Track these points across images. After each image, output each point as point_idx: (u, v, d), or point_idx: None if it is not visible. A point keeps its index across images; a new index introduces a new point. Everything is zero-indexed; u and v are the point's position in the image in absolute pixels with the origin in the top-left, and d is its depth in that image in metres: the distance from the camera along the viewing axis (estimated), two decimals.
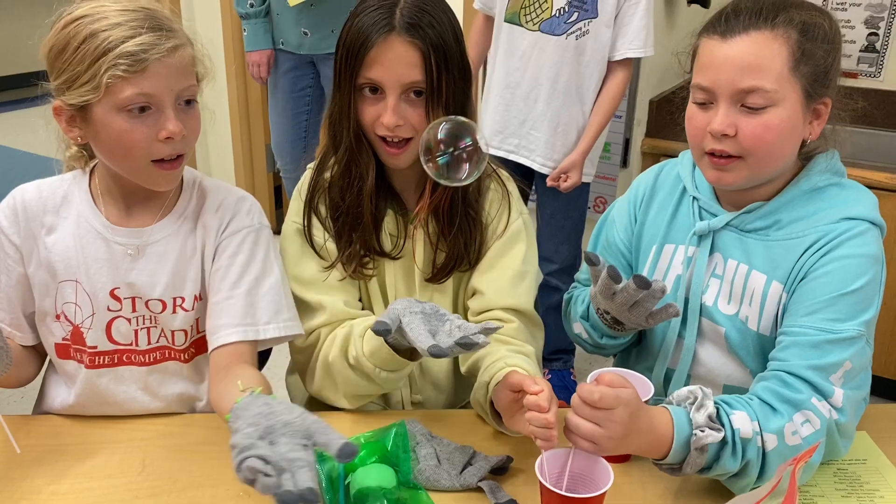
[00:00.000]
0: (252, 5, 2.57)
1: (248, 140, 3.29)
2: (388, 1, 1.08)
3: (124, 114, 0.98)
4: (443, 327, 0.96)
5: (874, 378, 1.07)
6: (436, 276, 1.20)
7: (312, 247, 1.18)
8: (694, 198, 1.14)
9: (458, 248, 1.18)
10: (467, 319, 1.22)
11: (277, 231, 1.25)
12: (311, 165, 1.23)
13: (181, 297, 1.11)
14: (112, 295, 1.08)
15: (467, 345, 0.91)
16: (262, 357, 1.44)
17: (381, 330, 0.96)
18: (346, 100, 1.11)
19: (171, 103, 1.00)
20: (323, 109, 2.67)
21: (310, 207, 1.20)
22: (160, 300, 1.10)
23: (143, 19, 0.99)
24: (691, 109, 1.05)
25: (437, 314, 0.98)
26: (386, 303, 1.21)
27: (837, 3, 2.56)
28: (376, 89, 1.09)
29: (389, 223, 1.19)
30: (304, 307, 1.17)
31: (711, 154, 1.03)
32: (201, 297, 1.12)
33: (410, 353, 1.06)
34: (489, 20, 2.13)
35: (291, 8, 2.45)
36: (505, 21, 2.06)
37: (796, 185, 1.06)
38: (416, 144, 1.10)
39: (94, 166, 1.12)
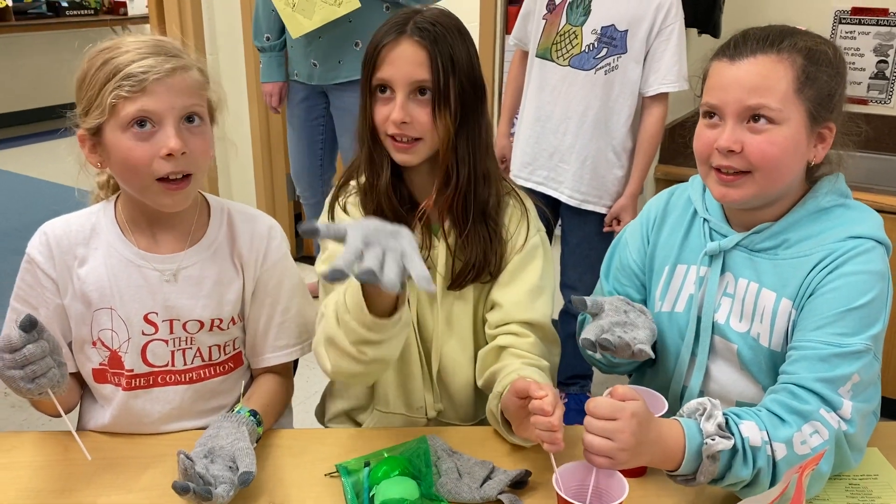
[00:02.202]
0: (268, 38, 2.66)
1: (270, 169, 3.37)
2: (406, 15, 1.17)
3: (129, 132, 1.03)
4: (387, 248, 0.90)
5: (884, 400, 1.09)
6: (455, 282, 1.23)
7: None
8: (705, 219, 1.18)
9: (477, 256, 1.21)
10: (485, 332, 1.25)
11: (298, 258, 1.31)
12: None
13: (219, 319, 1.16)
14: (146, 320, 1.12)
15: (369, 272, 0.86)
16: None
17: (306, 229, 0.94)
18: (364, 102, 1.19)
19: (173, 121, 1.04)
20: (335, 138, 2.76)
21: (334, 203, 1.27)
22: (199, 321, 1.15)
23: (150, 47, 1.06)
24: (700, 127, 1.10)
25: (395, 232, 0.94)
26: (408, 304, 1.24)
27: (846, 32, 2.61)
28: (387, 89, 1.15)
29: (416, 236, 1.23)
30: (328, 290, 1.21)
31: (718, 170, 1.07)
32: (238, 320, 1.19)
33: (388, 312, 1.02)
34: (526, 55, 2.19)
35: (300, 40, 2.53)
36: (537, 56, 2.11)
37: (803, 207, 1.10)
38: (425, 144, 1.17)
39: (118, 197, 1.17)
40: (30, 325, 0.95)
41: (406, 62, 1.14)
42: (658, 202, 1.27)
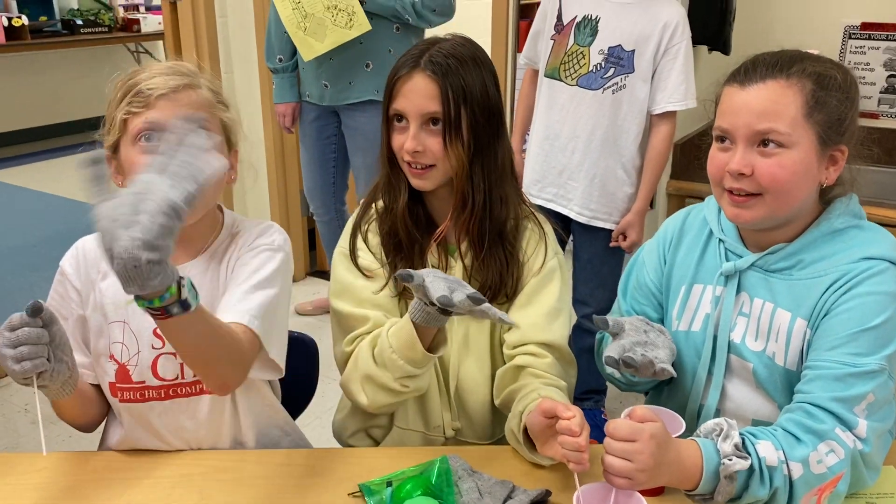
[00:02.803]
0: (281, 60, 2.70)
1: (284, 186, 3.40)
2: (423, 47, 1.21)
3: (137, 146, 1.08)
4: (461, 288, 1.05)
5: None
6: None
7: (358, 267, 1.27)
8: (720, 240, 1.20)
9: (493, 278, 1.24)
10: (503, 353, 1.28)
11: (311, 272, 1.33)
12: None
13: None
14: (155, 334, 1.15)
15: (477, 299, 1.02)
16: (306, 398, 1.50)
17: (404, 275, 1.04)
18: (384, 130, 1.24)
19: None
20: (347, 157, 2.79)
21: (356, 231, 1.29)
22: None
23: (165, 68, 1.11)
24: (713, 151, 1.12)
25: (459, 282, 1.07)
26: None
27: (856, 47, 2.63)
28: (402, 118, 1.20)
29: (432, 256, 1.27)
30: (350, 319, 1.25)
31: (730, 192, 1.09)
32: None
33: (430, 347, 1.14)
34: (536, 74, 2.22)
35: (312, 62, 2.56)
36: (545, 76, 2.15)
37: (817, 228, 1.11)
38: (438, 171, 1.21)
39: None
40: (33, 311, 0.98)
41: (418, 95, 1.18)
42: (675, 222, 1.29)
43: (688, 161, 2.51)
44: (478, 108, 1.20)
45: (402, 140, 1.21)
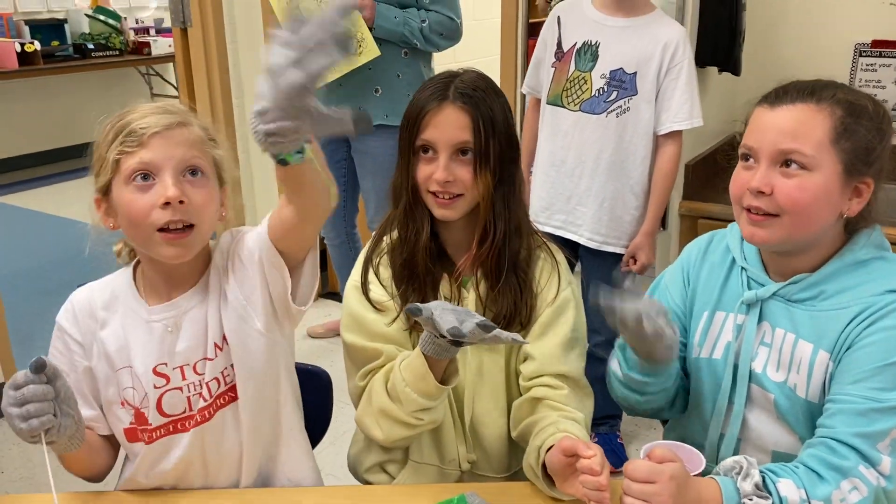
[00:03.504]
0: None
1: None
2: (445, 80, 1.22)
3: (131, 185, 1.07)
4: (469, 318, 1.05)
5: None
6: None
7: (369, 301, 1.26)
8: (743, 268, 1.19)
9: (508, 306, 1.24)
10: (519, 384, 1.28)
11: (323, 294, 1.32)
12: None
13: (216, 343, 1.15)
14: (155, 372, 1.14)
15: (487, 326, 1.02)
16: (321, 430, 1.49)
17: (412, 310, 1.04)
18: (405, 162, 1.24)
19: (172, 172, 1.07)
20: (357, 181, 2.80)
21: (368, 265, 1.29)
22: (206, 358, 1.15)
23: (155, 108, 1.11)
24: (737, 170, 1.12)
25: (467, 311, 1.07)
26: None
27: (867, 65, 2.62)
28: (429, 150, 1.21)
29: (444, 287, 1.26)
30: (363, 353, 1.25)
31: (749, 210, 1.08)
32: (224, 344, 1.15)
33: (442, 379, 1.15)
34: (539, 102, 2.21)
35: (321, 89, 2.56)
36: (548, 103, 2.14)
37: (840, 258, 1.10)
38: (465, 201, 1.22)
39: (137, 262, 1.21)
40: (37, 368, 0.98)
41: (450, 126, 1.20)
42: (698, 245, 1.28)
43: (700, 182, 2.50)
44: (503, 137, 1.22)
45: (430, 171, 1.21)
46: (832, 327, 1.08)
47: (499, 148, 1.21)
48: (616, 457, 2.32)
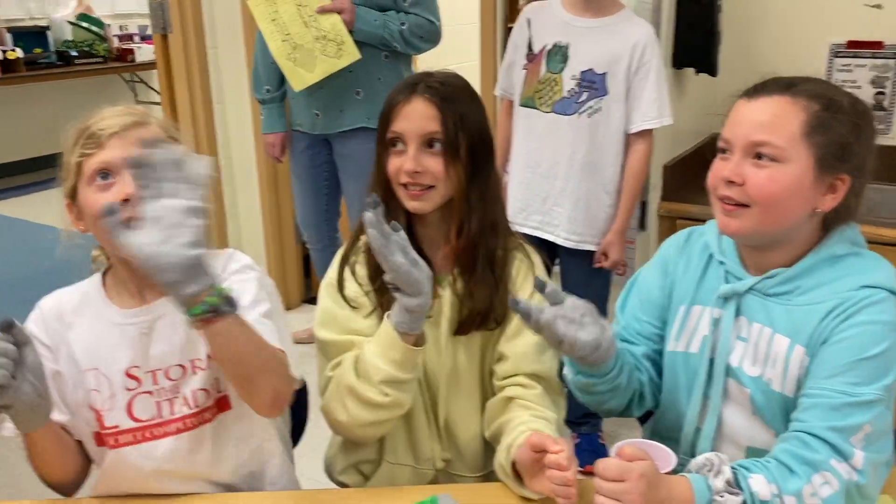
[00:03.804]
0: (269, 90, 2.70)
1: (278, 214, 3.40)
2: (418, 76, 1.24)
3: (93, 186, 1.09)
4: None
5: None
6: (461, 328, 1.25)
7: (344, 298, 1.26)
8: (720, 262, 1.19)
9: (483, 302, 1.24)
10: (493, 384, 1.28)
11: (306, 300, 1.32)
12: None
13: (198, 358, 1.16)
14: (128, 374, 1.14)
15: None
16: (296, 435, 1.49)
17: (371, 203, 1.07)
18: (379, 156, 1.25)
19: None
20: (339, 184, 2.79)
21: (344, 263, 1.29)
22: (180, 365, 1.15)
23: (115, 111, 1.13)
24: (714, 161, 1.13)
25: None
26: None
27: (843, 66, 2.64)
28: (399, 142, 1.22)
29: None
30: (334, 347, 1.24)
31: (722, 200, 1.09)
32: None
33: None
34: (512, 104, 2.22)
35: (302, 91, 2.57)
36: (521, 105, 2.15)
37: (816, 254, 1.11)
38: (437, 193, 1.22)
39: (108, 268, 1.21)
40: (4, 326, 0.99)
41: (418, 117, 1.20)
42: (676, 239, 1.29)
43: (679, 182, 2.51)
44: (475, 133, 1.22)
45: (400, 163, 1.21)
46: (808, 322, 1.08)
47: (469, 141, 1.21)
48: (597, 457, 2.30)
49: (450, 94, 1.21)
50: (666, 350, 1.24)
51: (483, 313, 1.25)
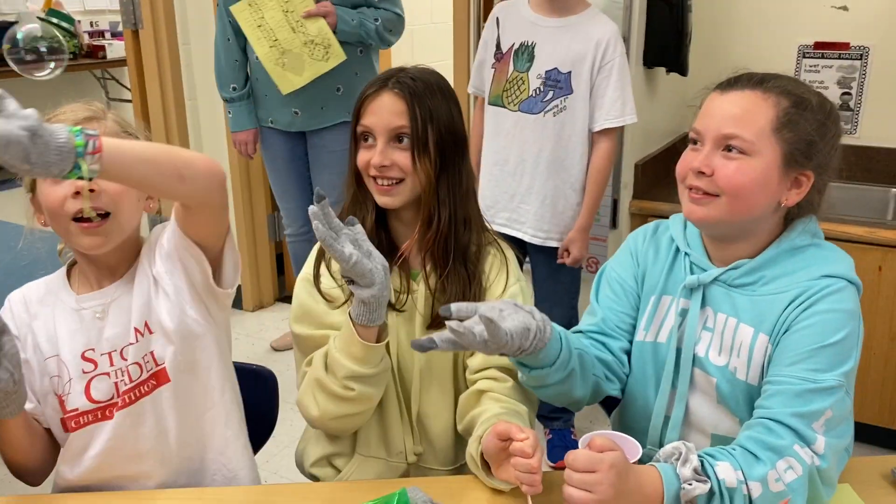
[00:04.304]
0: (235, 88, 2.69)
1: (251, 211, 3.38)
2: (390, 72, 1.24)
3: (48, 179, 1.09)
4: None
5: (867, 427, 1.11)
6: (434, 322, 1.26)
7: (320, 292, 1.26)
8: (686, 253, 1.21)
9: (456, 296, 1.24)
10: (466, 378, 1.28)
11: (280, 298, 1.32)
12: None
13: (137, 329, 1.16)
14: (84, 357, 1.16)
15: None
16: (266, 432, 1.48)
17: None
18: (352, 150, 1.26)
19: None
20: (318, 174, 2.77)
21: (321, 258, 1.29)
22: (130, 343, 1.16)
23: (75, 106, 1.14)
24: (685, 152, 1.15)
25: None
26: (387, 348, 1.25)
27: (810, 66, 2.69)
28: (368, 136, 1.23)
29: (394, 279, 1.26)
30: (310, 341, 1.25)
31: (690, 189, 1.12)
32: (146, 331, 1.16)
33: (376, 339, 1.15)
34: (484, 101, 2.23)
35: (290, 93, 2.58)
36: (490, 104, 2.17)
37: (778, 245, 1.13)
38: (406, 187, 1.22)
39: (72, 262, 1.23)
40: None
41: (385, 111, 1.21)
42: (644, 231, 1.30)
43: (650, 181, 2.54)
44: (444, 128, 1.22)
45: (368, 156, 1.22)
46: (771, 311, 1.10)
47: (438, 136, 1.22)
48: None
49: (420, 89, 1.22)
50: (635, 340, 1.26)
51: None
